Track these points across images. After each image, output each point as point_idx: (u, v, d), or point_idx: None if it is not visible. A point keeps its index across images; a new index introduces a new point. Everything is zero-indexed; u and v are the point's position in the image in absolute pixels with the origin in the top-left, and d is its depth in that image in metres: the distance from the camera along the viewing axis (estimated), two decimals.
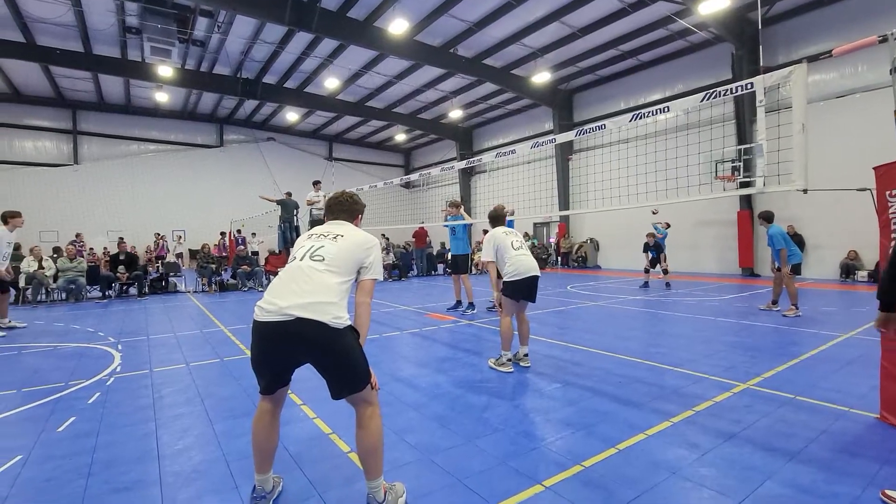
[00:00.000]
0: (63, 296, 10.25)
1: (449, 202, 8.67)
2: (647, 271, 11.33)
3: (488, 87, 18.73)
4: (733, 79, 13.30)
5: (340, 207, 2.41)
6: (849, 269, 11.88)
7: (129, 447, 2.82)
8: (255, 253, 17.22)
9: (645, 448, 2.69)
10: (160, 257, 15.63)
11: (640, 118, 4.58)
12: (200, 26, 13.95)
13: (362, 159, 28.82)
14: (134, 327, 6.92)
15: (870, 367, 4.13)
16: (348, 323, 2.01)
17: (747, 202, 13.75)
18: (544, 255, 19.45)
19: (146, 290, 11.16)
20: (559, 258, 19.58)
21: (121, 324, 7.23)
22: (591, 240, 18.95)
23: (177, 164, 23.17)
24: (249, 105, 21.89)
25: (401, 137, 26.92)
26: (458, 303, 8.15)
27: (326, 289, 2.00)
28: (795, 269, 7.21)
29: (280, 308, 1.92)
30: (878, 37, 2.85)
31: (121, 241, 12.73)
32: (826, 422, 3.02)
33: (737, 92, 3.87)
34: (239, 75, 17.78)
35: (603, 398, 3.55)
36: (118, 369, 4.60)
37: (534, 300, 4.47)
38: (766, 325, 6.33)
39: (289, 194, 12.32)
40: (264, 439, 2.10)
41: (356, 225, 2.44)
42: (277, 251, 12.85)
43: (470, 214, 18.31)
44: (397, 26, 13.02)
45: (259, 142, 25.43)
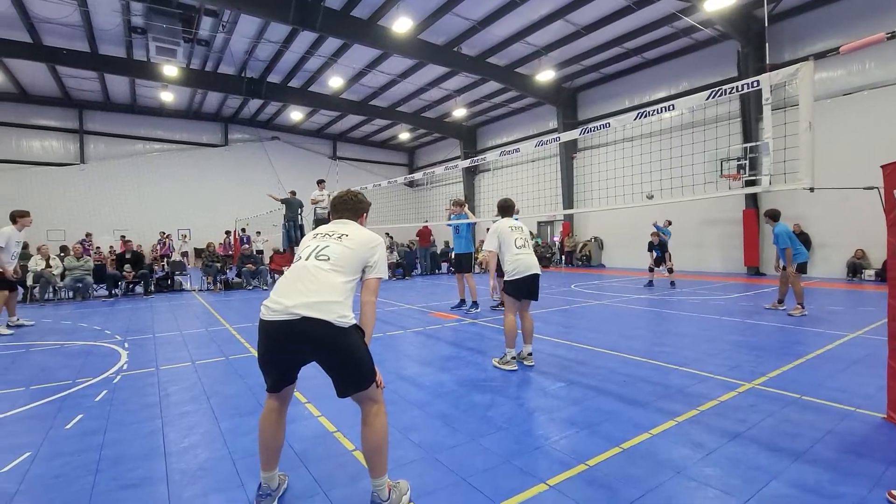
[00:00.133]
0: (70, 294, 10.34)
1: (453, 201, 8.67)
2: (652, 270, 11.29)
3: (492, 86, 18.70)
4: (739, 76, 13.21)
5: (345, 206, 2.41)
6: (856, 268, 11.80)
7: (135, 444, 2.85)
8: (260, 251, 17.30)
9: (649, 447, 2.69)
10: (165, 256, 15.71)
11: (645, 116, 4.57)
12: (205, 26, 14.03)
13: (366, 158, 28.87)
14: (140, 325, 6.97)
15: (876, 366, 4.10)
16: (353, 322, 2.02)
17: (753, 200, 13.66)
18: (548, 254, 19.42)
19: (152, 289, 11.23)
20: (563, 257, 19.53)
21: (127, 322, 7.28)
22: (596, 238, 18.90)
23: (182, 163, 23.31)
24: (254, 104, 21.99)
25: (405, 136, 26.92)
26: (462, 301, 8.15)
27: (332, 288, 2.02)
28: (801, 268, 7.16)
29: (286, 307, 1.94)
30: (887, 34, 2.83)
31: (122, 239, 12.81)
32: (832, 422, 3.00)
33: (742, 90, 3.85)
34: (243, 75, 17.85)
35: (607, 397, 3.54)
36: (125, 367, 4.63)
37: (536, 298, 4.49)
38: (771, 324, 6.29)
39: (293, 193, 12.37)
40: (271, 437, 2.12)
41: (361, 223, 2.44)
42: (282, 250, 12.91)
43: (474, 213, 18.29)
44: (401, 25, 13.05)
45: (263, 141, 25.52)
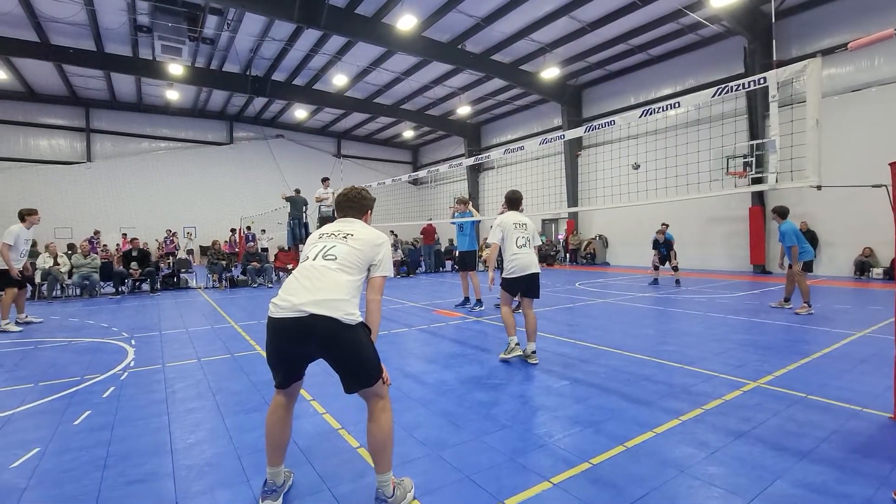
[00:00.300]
0: (77, 291, 10.44)
1: (457, 199, 8.66)
2: (657, 268, 11.25)
3: (497, 83, 18.64)
4: (745, 73, 13.09)
5: (350, 204, 2.42)
6: (863, 267, 11.70)
7: (143, 440, 2.88)
8: (265, 249, 17.39)
9: (653, 446, 2.68)
10: (170, 254, 15.82)
11: (650, 114, 4.54)
12: (210, 24, 14.05)
13: (370, 156, 28.88)
14: (147, 323, 7.02)
15: (883, 365, 4.07)
16: (360, 320, 2.06)
17: (759, 198, 13.55)
18: (553, 252, 19.38)
19: (158, 287, 11.31)
20: (568, 255, 19.48)
21: (134, 319, 7.34)
22: (600, 236, 18.82)
23: (187, 161, 23.41)
24: (259, 102, 22.03)
25: (409, 134, 26.91)
26: (466, 299, 8.15)
27: (339, 287, 2.05)
28: (807, 267, 7.10)
29: (294, 305, 1.98)
30: None
31: (125, 237, 12.90)
32: (838, 421, 2.98)
33: (749, 87, 3.82)
34: (248, 73, 17.88)
35: (611, 396, 3.54)
36: (132, 364, 4.68)
37: (537, 296, 4.54)
38: (777, 322, 6.25)
39: (297, 191, 12.41)
40: (278, 432, 2.15)
41: (366, 220, 2.46)
42: (287, 248, 12.95)
43: (478, 211, 18.27)
44: (405, 22, 13.03)
45: (268, 139, 25.59)
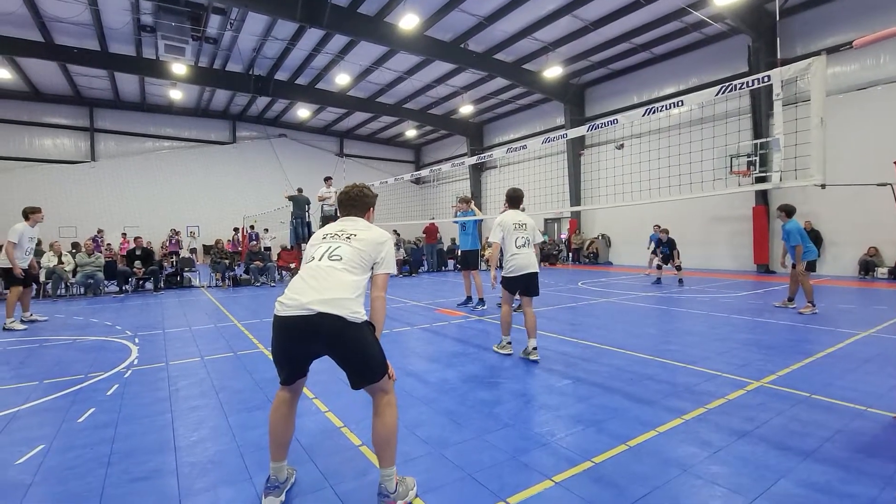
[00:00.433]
0: (81, 290, 10.48)
1: (459, 198, 8.66)
2: (660, 267, 11.22)
3: (499, 82, 18.62)
4: (749, 72, 13.04)
5: (352, 202, 2.43)
6: (868, 266, 11.63)
7: (146, 438, 2.89)
8: (268, 248, 17.42)
9: (656, 445, 2.68)
10: (173, 253, 15.87)
11: (654, 112, 4.53)
12: (213, 24, 14.09)
13: (373, 155, 28.91)
14: (150, 321, 7.05)
15: (888, 365, 4.05)
16: (365, 318, 2.09)
17: (763, 197, 13.50)
18: (555, 251, 19.36)
19: (161, 285, 11.35)
20: (570, 254, 19.46)
21: (137, 318, 7.37)
22: (603, 236, 18.79)
23: (191, 160, 23.50)
24: (261, 102, 22.08)
25: (411, 133, 26.92)
26: (469, 298, 8.15)
27: (344, 286, 2.08)
28: (810, 266, 7.08)
29: (301, 303, 2.00)
30: None
31: (124, 237, 12.95)
32: (842, 421, 2.97)
33: (753, 85, 3.80)
34: (251, 72, 17.93)
35: (614, 395, 3.53)
36: (135, 362, 4.70)
37: (536, 294, 4.62)
38: (781, 322, 6.23)
39: (300, 190, 12.44)
40: (282, 428, 2.18)
41: (369, 218, 2.47)
42: (289, 247, 12.98)
43: (480, 210, 18.28)
44: (408, 21, 13.02)
45: (271, 138, 25.65)
